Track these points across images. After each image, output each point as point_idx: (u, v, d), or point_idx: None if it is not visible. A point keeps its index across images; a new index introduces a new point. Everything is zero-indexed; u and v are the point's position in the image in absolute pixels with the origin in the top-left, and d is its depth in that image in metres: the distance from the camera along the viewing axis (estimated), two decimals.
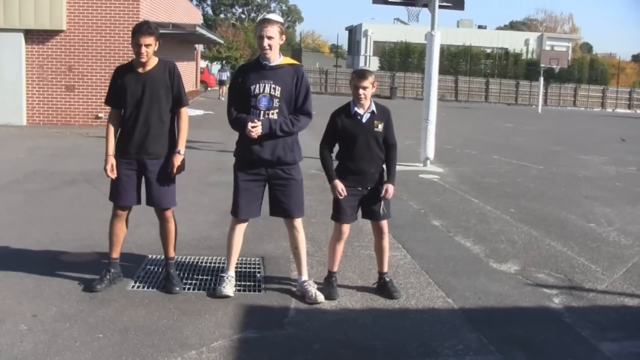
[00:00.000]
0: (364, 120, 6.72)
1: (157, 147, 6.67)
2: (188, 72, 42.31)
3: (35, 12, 22.18)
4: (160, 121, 6.67)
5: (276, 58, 6.54)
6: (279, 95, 6.45)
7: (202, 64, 56.64)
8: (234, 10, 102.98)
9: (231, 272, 6.85)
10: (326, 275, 7.04)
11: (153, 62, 6.70)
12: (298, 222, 6.77)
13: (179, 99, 6.76)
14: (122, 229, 6.88)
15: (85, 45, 22.71)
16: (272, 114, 6.44)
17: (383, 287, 7.03)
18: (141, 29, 6.57)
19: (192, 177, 13.33)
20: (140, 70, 6.66)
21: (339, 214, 6.84)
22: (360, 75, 6.71)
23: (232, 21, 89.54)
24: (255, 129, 6.33)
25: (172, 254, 6.97)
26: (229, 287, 6.71)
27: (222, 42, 50.53)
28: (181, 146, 6.75)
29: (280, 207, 6.68)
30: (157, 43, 6.67)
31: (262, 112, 6.42)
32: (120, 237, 6.90)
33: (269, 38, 6.39)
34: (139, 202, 6.86)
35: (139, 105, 6.61)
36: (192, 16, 41.65)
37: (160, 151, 6.68)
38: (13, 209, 10.34)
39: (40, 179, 12.98)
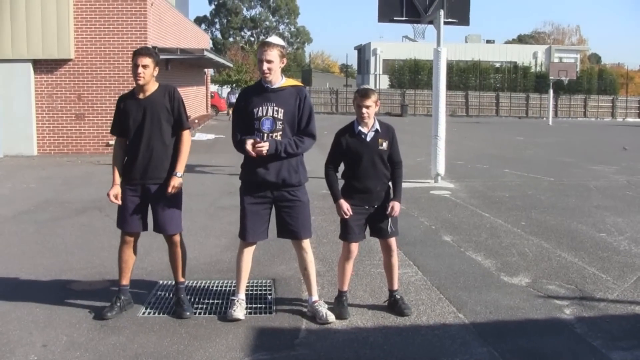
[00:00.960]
0: (368, 139, 6.74)
1: (160, 171, 6.68)
2: (199, 96, 42.46)
3: (43, 42, 22.35)
4: (163, 145, 6.69)
5: (278, 80, 6.56)
6: (282, 118, 6.47)
7: (213, 88, 56.80)
8: (242, 33, 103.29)
9: (241, 295, 6.85)
10: (337, 295, 7.04)
11: (153, 87, 6.74)
12: (306, 243, 6.78)
13: (179, 122, 6.77)
14: (131, 256, 6.90)
15: (94, 73, 22.85)
16: (276, 136, 6.46)
17: (394, 305, 7.02)
18: (139, 51, 6.69)
19: (203, 200, 13.43)
20: (140, 96, 6.70)
21: (346, 233, 6.84)
22: (363, 94, 6.73)
23: (241, 44, 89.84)
24: (263, 147, 6.33)
25: (181, 278, 6.98)
26: (239, 310, 6.71)
27: (232, 65, 50.74)
28: (179, 169, 6.72)
29: (288, 229, 6.69)
30: (157, 68, 6.71)
31: (265, 134, 6.43)
32: (130, 264, 6.92)
33: (269, 62, 6.42)
34: (144, 228, 6.88)
35: (140, 130, 6.64)
36: (201, 41, 41.83)
37: (163, 175, 6.69)
38: (24, 239, 10.39)
39: (51, 208, 13.04)
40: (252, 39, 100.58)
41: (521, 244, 10.05)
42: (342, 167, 6.91)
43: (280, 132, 6.47)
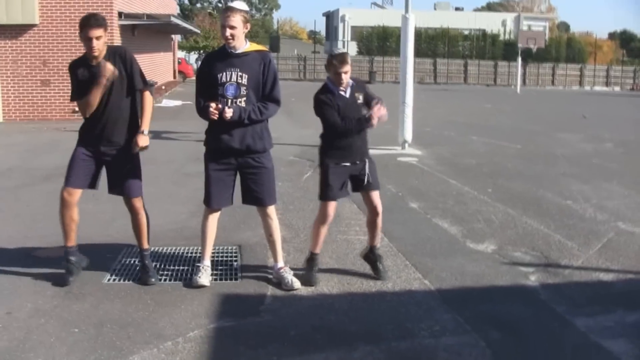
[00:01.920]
0: (347, 95, 6.73)
1: (117, 135, 6.58)
2: (165, 63, 42.08)
3: (7, 6, 21.81)
4: (119, 109, 6.57)
5: (242, 45, 6.47)
6: (246, 83, 6.40)
7: (180, 54, 56.34)
8: None
9: (207, 262, 6.83)
10: (308, 256, 7.02)
11: (103, 52, 6.57)
12: (271, 210, 6.76)
13: (133, 83, 6.63)
14: (72, 217, 6.68)
15: (59, 39, 22.41)
16: (240, 102, 6.39)
17: (373, 263, 7.07)
18: (89, 22, 6.35)
19: (169, 167, 13.36)
20: (93, 62, 6.51)
21: (327, 191, 6.77)
22: (341, 60, 6.62)
23: (208, 10, 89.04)
24: (227, 114, 6.27)
25: (145, 245, 6.93)
26: (204, 277, 6.69)
27: (199, 32, 50.33)
28: (145, 126, 6.60)
29: (252, 195, 6.66)
30: (106, 33, 6.53)
31: (229, 100, 6.36)
32: (73, 226, 6.71)
33: (231, 28, 6.32)
34: (92, 186, 6.72)
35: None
36: (168, 7, 41.35)
37: (122, 140, 6.59)
38: None
39: (15, 175, 12.88)
40: (220, 4, 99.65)
41: (487, 211, 10.10)
42: (320, 129, 6.87)
43: (245, 98, 6.40)
